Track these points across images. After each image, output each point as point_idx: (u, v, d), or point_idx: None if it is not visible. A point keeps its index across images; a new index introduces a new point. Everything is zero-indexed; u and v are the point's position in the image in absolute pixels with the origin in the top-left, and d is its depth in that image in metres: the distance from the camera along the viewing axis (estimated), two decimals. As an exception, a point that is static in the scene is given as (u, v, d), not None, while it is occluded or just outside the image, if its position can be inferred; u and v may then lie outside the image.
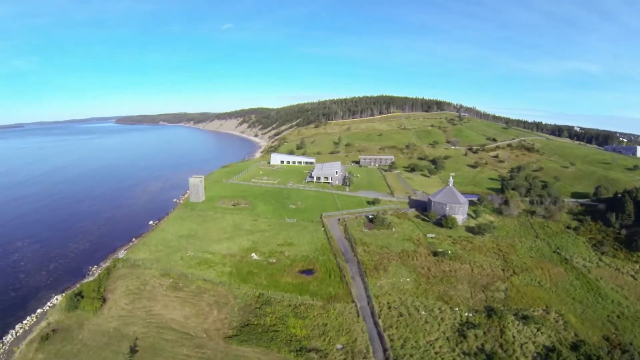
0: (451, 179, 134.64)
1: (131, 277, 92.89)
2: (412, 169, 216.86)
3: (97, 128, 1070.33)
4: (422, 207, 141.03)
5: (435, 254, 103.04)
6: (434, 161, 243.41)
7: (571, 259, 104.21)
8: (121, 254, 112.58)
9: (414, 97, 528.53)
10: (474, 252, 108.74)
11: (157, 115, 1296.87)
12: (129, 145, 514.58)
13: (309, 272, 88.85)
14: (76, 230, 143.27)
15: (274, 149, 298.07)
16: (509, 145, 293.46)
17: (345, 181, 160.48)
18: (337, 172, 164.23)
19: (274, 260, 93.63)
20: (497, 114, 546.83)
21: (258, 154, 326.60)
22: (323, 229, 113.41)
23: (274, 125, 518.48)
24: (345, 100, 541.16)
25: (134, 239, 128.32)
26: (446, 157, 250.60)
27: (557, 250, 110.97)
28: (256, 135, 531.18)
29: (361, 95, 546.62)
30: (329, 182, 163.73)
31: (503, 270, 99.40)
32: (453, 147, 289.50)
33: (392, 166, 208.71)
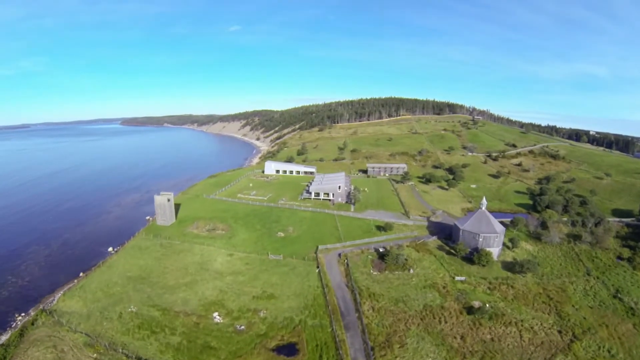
0: (484, 201, 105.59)
1: (47, 344, 66.47)
2: (427, 179, 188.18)
3: (101, 129, 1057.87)
4: (446, 234, 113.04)
5: (469, 310, 74.94)
6: (451, 170, 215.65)
7: (637, 307, 79.97)
8: (56, 298, 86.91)
9: (425, 99, 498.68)
10: (518, 302, 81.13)
11: (162, 117, 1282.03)
12: (126, 148, 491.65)
13: (290, 349, 60.75)
14: (23, 258, 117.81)
15: (271, 155, 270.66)
16: (530, 151, 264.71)
17: (350, 198, 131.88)
18: (340, 186, 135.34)
19: (242, 327, 65.81)
20: (510, 117, 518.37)
21: (256, 160, 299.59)
22: (317, 270, 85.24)
23: (277, 129, 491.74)
24: (351, 102, 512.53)
25: (81, 274, 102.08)
26: (464, 166, 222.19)
27: (618, 295, 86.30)
28: (258, 139, 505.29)
29: (369, 97, 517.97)
30: (329, 199, 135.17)
31: (560, 332, 72.82)
32: (470, 154, 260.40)
33: (405, 177, 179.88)
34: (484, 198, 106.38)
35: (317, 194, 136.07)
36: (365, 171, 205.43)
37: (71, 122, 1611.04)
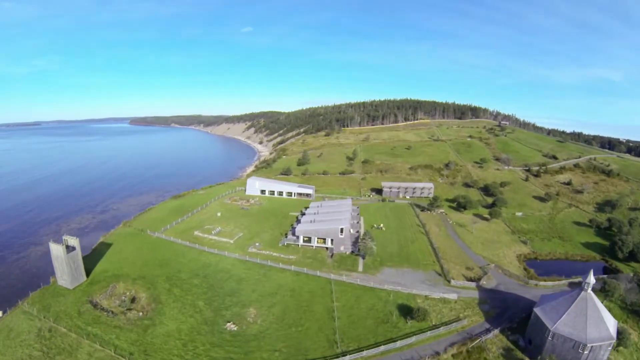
0: (591, 278, 59.50)
1: None
2: (460, 204, 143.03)
3: (107, 129, 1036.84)
4: (509, 317, 68.92)
5: None
6: (487, 190, 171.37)
7: None
8: None
9: (444, 101, 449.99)
10: None
11: (170, 117, 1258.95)
12: (120, 151, 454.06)
13: None
14: None
15: (266, 166, 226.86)
16: (576, 165, 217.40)
17: (359, 247, 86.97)
18: (342, 228, 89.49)
19: None
20: (536, 123, 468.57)
21: (251, 169, 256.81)
22: None
23: (281, 132, 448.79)
24: (363, 103, 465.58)
25: None
26: (503, 184, 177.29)
27: None
28: (261, 142, 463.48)
29: (382, 99, 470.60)
30: (326, 247, 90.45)
31: None
32: (507, 168, 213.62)
33: (433, 203, 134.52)
34: (591, 274, 59.88)
35: (308, 240, 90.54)
36: (379, 190, 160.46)
37: (82, 121, 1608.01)
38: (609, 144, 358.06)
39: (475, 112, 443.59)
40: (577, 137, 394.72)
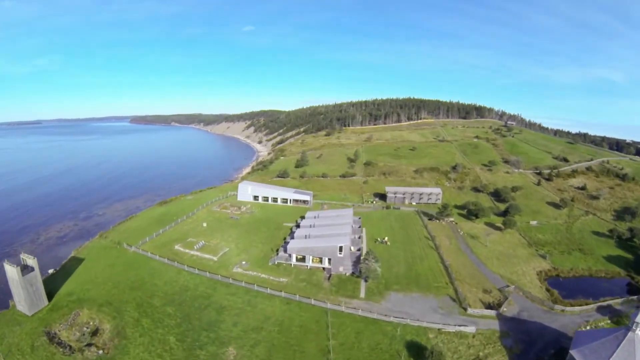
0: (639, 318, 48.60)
1: None
2: (470, 211, 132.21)
3: (107, 127, 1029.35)
4: (536, 353, 57.98)
5: None
6: (497, 195, 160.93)
7: None
8: None
9: (449, 101, 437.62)
10: None
11: (170, 115, 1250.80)
12: (121, 149, 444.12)
13: None
14: None
15: (262, 167, 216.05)
16: (589, 168, 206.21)
17: (361, 268, 75.38)
18: (341, 246, 79.17)
19: None
20: (542, 124, 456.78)
21: (247, 170, 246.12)
22: None
23: (281, 131, 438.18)
24: (365, 102, 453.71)
25: None
26: (514, 189, 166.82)
27: None
28: (260, 142, 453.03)
29: (385, 98, 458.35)
30: (323, 267, 79.64)
31: None
32: (517, 171, 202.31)
33: (442, 211, 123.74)
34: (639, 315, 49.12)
35: (302, 258, 79.94)
36: (383, 196, 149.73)
37: (83, 119, 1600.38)
38: (617, 146, 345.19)
39: (480, 111, 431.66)
40: (583, 137, 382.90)
